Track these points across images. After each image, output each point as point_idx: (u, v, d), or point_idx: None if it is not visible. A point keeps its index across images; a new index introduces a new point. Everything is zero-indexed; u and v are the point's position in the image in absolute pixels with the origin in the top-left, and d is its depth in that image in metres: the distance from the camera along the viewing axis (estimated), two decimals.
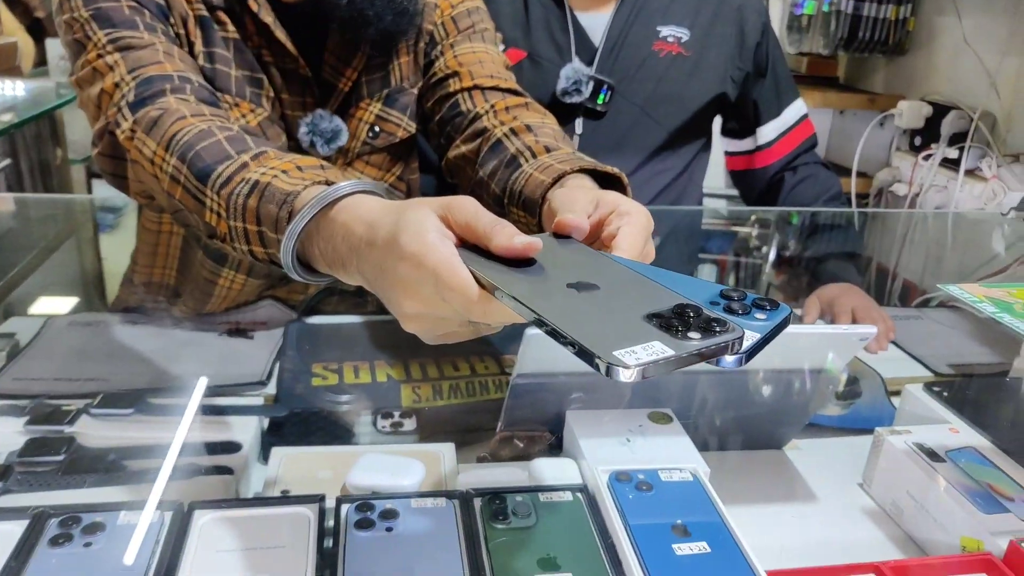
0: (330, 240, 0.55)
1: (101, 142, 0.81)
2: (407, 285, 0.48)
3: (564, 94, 1.23)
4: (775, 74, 1.34)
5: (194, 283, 0.95)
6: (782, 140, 1.37)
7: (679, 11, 1.28)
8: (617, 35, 1.26)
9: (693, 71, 1.28)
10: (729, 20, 1.30)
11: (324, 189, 0.56)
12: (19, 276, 1.01)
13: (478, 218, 0.47)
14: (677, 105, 1.28)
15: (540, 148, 0.80)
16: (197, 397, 0.73)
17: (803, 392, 0.72)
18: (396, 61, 0.98)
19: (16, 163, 1.21)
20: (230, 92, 0.89)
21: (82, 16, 0.82)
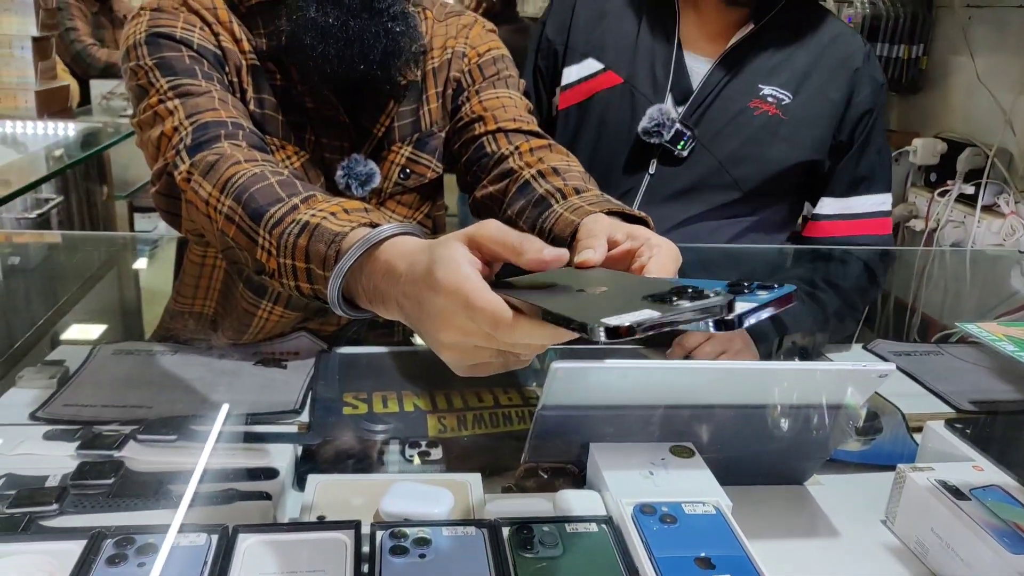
0: (372, 278, 0.60)
1: (159, 182, 0.86)
2: (443, 315, 0.52)
3: (644, 133, 1.20)
4: (864, 151, 1.26)
5: (233, 314, 0.99)
6: (836, 222, 1.29)
7: (787, 73, 1.22)
8: (716, 84, 1.22)
9: (787, 136, 1.22)
10: (839, 89, 1.23)
11: (369, 231, 0.61)
12: (67, 306, 1.06)
13: (506, 235, 0.52)
14: (759, 167, 1.23)
15: (570, 190, 0.84)
16: (234, 425, 0.77)
17: (823, 428, 0.73)
18: (426, 107, 1.03)
19: (67, 200, 1.27)
20: (277, 136, 0.95)
21: (147, 64, 0.88)
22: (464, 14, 1.09)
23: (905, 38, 1.87)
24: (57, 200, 1.21)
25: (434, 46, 1.03)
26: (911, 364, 1.07)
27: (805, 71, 1.22)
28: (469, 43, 1.05)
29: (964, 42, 1.79)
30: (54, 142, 1.41)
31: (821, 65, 1.23)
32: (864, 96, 1.23)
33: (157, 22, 0.91)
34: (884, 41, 1.87)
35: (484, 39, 1.06)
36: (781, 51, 1.23)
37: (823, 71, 1.23)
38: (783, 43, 1.23)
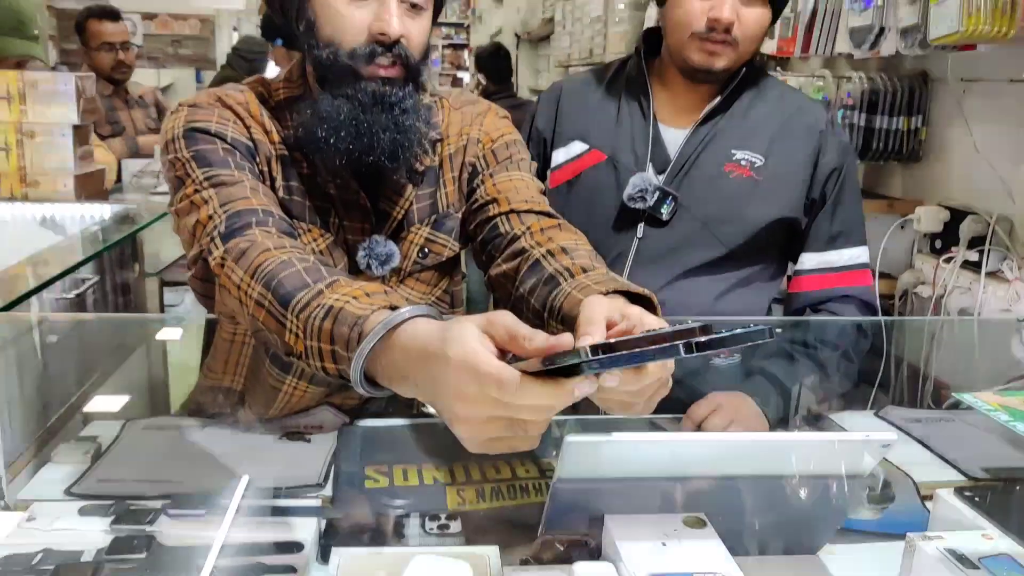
0: (391, 358, 0.64)
1: (195, 267, 0.92)
2: (455, 388, 0.57)
3: (630, 199, 1.30)
4: (836, 208, 1.35)
5: (260, 389, 1.03)
6: (817, 276, 1.37)
7: (757, 138, 1.33)
8: (691, 152, 1.32)
9: (762, 195, 1.32)
10: (807, 152, 1.34)
11: (389, 314, 0.66)
12: (99, 382, 1.10)
13: (519, 326, 0.58)
14: (740, 226, 1.32)
15: (577, 268, 0.89)
16: (260, 498, 0.80)
17: (830, 497, 0.75)
18: (443, 190, 1.09)
19: (102, 279, 1.33)
20: (304, 219, 1.01)
21: (184, 156, 0.95)
22: (478, 102, 1.15)
23: (904, 111, 1.93)
24: (93, 280, 1.27)
25: (451, 133, 1.10)
26: (922, 431, 1.08)
27: (773, 136, 1.33)
28: (483, 130, 1.11)
29: (960, 114, 1.84)
30: (91, 224, 1.49)
31: (788, 131, 1.34)
32: (831, 156, 1.34)
33: (194, 117, 0.98)
34: (883, 114, 1.93)
35: (497, 125, 1.13)
36: (749, 120, 1.34)
37: (790, 136, 1.34)
38: (751, 113, 1.35)
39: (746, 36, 1.26)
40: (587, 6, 4.36)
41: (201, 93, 1.01)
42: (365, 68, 0.94)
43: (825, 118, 1.38)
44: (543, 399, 0.56)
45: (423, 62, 0.98)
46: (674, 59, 1.33)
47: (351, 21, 0.94)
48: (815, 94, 1.99)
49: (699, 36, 1.26)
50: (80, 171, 1.73)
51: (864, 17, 1.70)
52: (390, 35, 0.93)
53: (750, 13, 1.25)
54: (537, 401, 0.56)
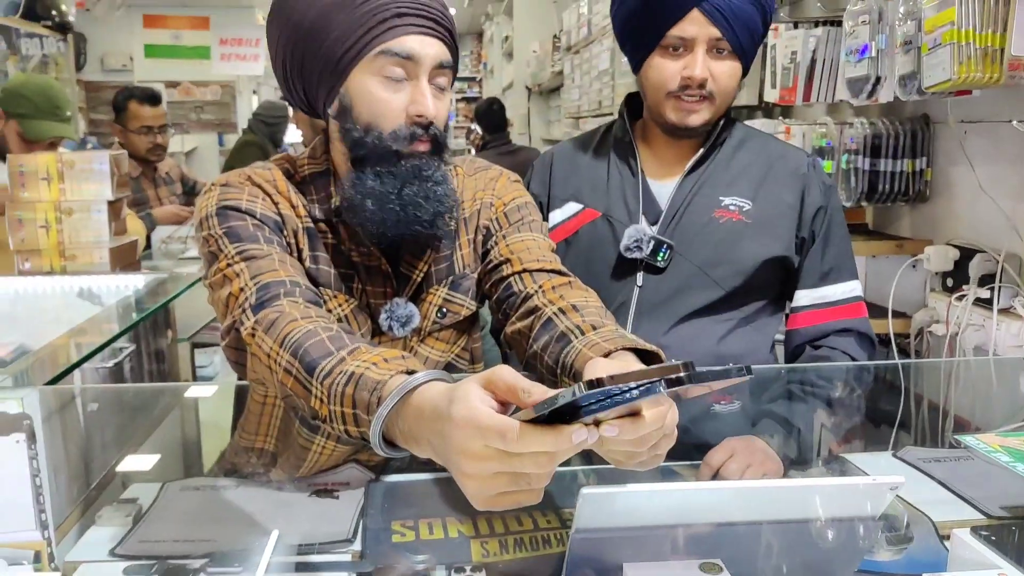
0: (407, 420, 0.70)
1: (228, 336, 0.98)
2: (460, 445, 0.62)
3: (627, 250, 1.35)
4: (825, 248, 1.41)
5: (290, 449, 1.08)
6: (813, 312, 1.43)
7: (742, 183, 1.39)
8: (681, 202, 1.38)
9: (753, 236, 1.37)
10: (793, 194, 1.40)
11: (405, 379, 0.72)
12: (137, 446, 1.16)
13: (518, 380, 0.63)
14: (735, 267, 1.37)
15: (587, 326, 0.93)
16: (292, 555, 0.84)
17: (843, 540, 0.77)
18: (459, 252, 1.14)
19: (138, 347, 1.39)
20: (329, 287, 1.07)
21: (217, 232, 1.01)
22: (490, 168, 1.22)
23: (907, 153, 1.97)
24: (130, 349, 1.34)
25: (465, 198, 1.16)
26: (941, 470, 1.08)
27: (759, 181, 1.39)
28: (496, 194, 1.17)
29: (963, 154, 1.88)
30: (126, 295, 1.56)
31: (772, 176, 1.40)
32: (815, 196, 1.40)
33: (225, 196, 1.04)
34: (887, 157, 1.97)
35: (509, 189, 1.19)
36: (733, 167, 1.40)
37: (775, 180, 1.39)
38: (734, 161, 1.41)
39: (720, 90, 1.33)
40: (594, 60, 4.48)
41: (232, 173, 1.09)
42: (406, 148, 1.01)
43: (806, 161, 1.44)
44: (544, 445, 0.60)
45: (447, 135, 1.06)
46: (655, 119, 1.40)
47: (389, 106, 1.00)
48: (818, 141, 2.04)
49: (675, 95, 1.33)
50: (114, 244, 1.81)
51: (860, 68, 1.76)
52: (427, 117, 1.00)
53: (721, 68, 1.32)
54: (538, 447, 0.60)
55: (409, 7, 1.00)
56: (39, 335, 1.68)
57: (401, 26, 0.99)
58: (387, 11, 0.98)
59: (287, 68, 1.06)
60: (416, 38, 1.00)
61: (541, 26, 6.84)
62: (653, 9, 1.30)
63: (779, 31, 2.19)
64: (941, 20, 1.51)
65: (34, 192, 1.78)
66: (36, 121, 2.34)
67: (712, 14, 1.28)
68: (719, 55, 1.31)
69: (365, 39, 0.99)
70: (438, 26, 1.02)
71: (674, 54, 1.32)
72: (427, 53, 1.01)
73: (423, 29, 1.01)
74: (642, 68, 1.37)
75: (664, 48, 1.32)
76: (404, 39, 0.99)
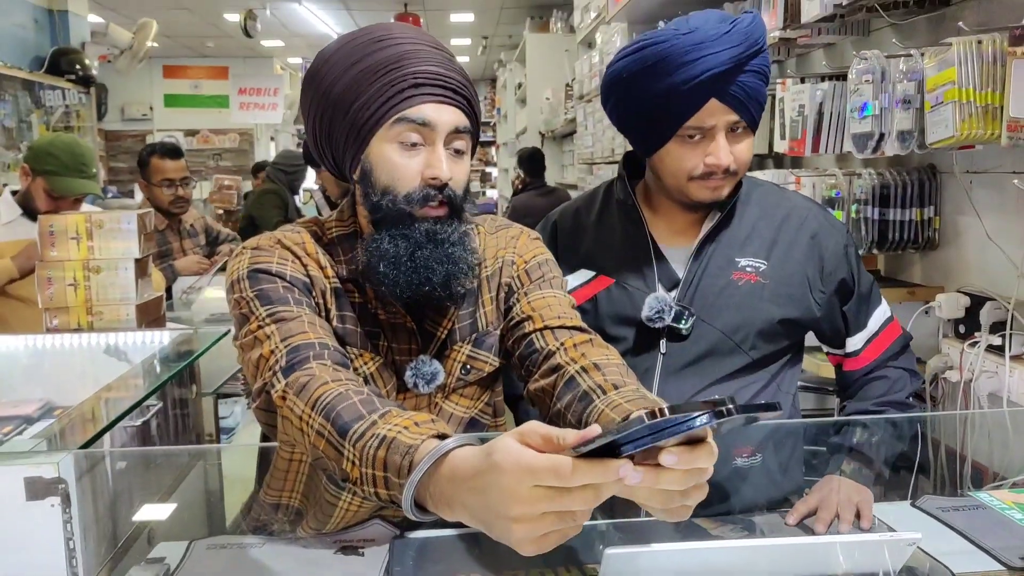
0: (439, 484, 0.72)
1: (259, 399, 1.00)
2: (508, 490, 0.64)
3: (649, 320, 1.34)
4: (860, 290, 1.43)
5: (316, 506, 1.10)
6: (870, 347, 1.44)
7: (756, 243, 1.38)
8: (697, 267, 1.37)
9: (772, 298, 1.36)
10: (806, 248, 1.39)
11: (437, 444, 0.74)
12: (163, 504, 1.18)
13: (550, 429, 0.65)
14: (757, 329, 1.36)
15: (609, 386, 0.96)
16: None
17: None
18: (482, 310, 1.18)
19: (164, 404, 1.43)
20: (356, 345, 1.10)
21: (248, 295, 1.05)
22: (511, 227, 1.25)
23: (915, 202, 2.00)
24: (157, 406, 1.37)
25: (487, 256, 1.20)
26: (959, 520, 1.08)
27: (772, 240, 1.39)
28: (517, 252, 1.21)
29: (970, 204, 1.91)
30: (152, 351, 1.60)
31: (784, 233, 1.40)
32: (833, 245, 1.40)
33: (256, 259, 1.08)
34: (896, 206, 2.00)
35: (530, 247, 1.22)
36: (745, 227, 1.40)
37: (787, 237, 1.39)
38: (745, 221, 1.40)
39: (741, 164, 1.33)
40: None
41: (262, 236, 1.13)
42: (419, 210, 1.05)
43: (814, 210, 1.45)
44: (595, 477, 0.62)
45: (465, 199, 1.09)
46: (672, 196, 1.38)
47: (405, 169, 1.05)
48: (828, 192, 2.07)
49: (699, 177, 1.32)
50: (140, 300, 1.86)
51: (864, 124, 1.80)
52: (441, 179, 1.04)
53: (740, 147, 1.32)
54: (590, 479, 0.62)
55: (426, 78, 1.05)
56: (66, 392, 1.72)
57: (418, 95, 1.04)
58: (405, 82, 1.04)
59: (317, 134, 1.11)
60: (432, 106, 1.05)
61: (553, 74, 6.97)
62: (668, 103, 1.28)
63: (787, 85, 2.24)
64: (942, 79, 1.55)
65: (63, 251, 1.84)
66: (63, 178, 2.41)
67: (730, 102, 1.27)
68: (736, 134, 1.31)
69: (384, 108, 1.04)
70: (455, 95, 1.07)
71: (691, 141, 1.30)
72: (443, 119, 1.05)
73: (439, 97, 1.05)
74: (655, 154, 1.36)
75: (681, 137, 1.30)
76: (421, 107, 1.04)
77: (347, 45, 1.08)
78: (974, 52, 1.53)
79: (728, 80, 1.26)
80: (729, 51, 1.25)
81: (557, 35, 7.45)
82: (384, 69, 1.04)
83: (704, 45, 1.25)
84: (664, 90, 1.27)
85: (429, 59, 1.06)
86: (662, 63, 1.26)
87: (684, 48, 1.25)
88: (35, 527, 0.90)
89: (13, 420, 1.61)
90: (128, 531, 1.11)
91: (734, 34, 1.26)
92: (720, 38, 1.26)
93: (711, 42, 1.25)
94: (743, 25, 1.28)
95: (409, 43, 1.06)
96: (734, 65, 1.26)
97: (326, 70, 1.07)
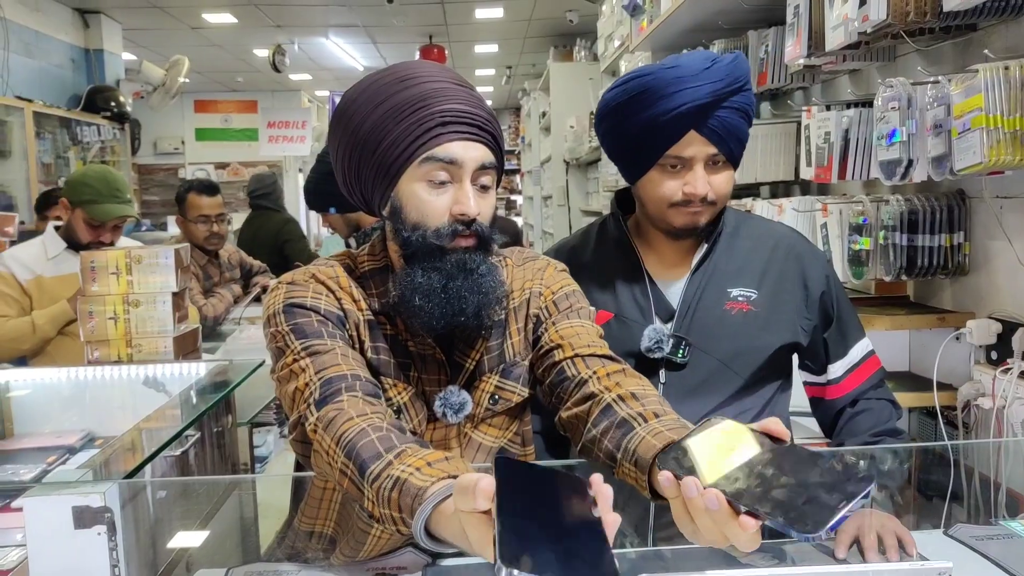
0: (449, 520, 0.76)
1: (295, 431, 1.04)
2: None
3: (648, 351, 1.39)
4: (840, 318, 1.48)
5: (350, 534, 1.12)
6: (850, 376, 1.48)
7: (747, 275, 1.44)
8: (691, 298, 1.42)
9: (764, 325, 1.42)
10: (793, 278, 1.45)
11: (444, 485, 0.79)
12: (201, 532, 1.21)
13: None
14: (751, 356, 1.41)
15: (650, 414, 0.98)
16: None
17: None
18: (509, 340, 1.20)
19: (202, 434, 1.46)
20: (389, 376, 1.13)
21: (284, 329, 1.09)
22: (538, 259, 1.28)
23: (944, 228, 1.99)
24: (195, 436, 1.41)
25: (514, 288, 1.22)
26: (994, 549, 1.09)
27: (762, 270, 1.44)
28: (544, 283, 1.23)
29: (1000, 229, 1.90)
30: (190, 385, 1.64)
31: (772, 264, 1.45)
32: (816, 275, 1.46)
33: (291, 294, 1.12)
34: (924, 232, 1.99)
35: (556, 279, 1.24)
36: (735, 259, 1.45)
37: (775, 268, 1.45)
38: (734, 253, 1.46)
39: (720, 195, 1.39)
40: None
41: (297, 271, 1.16)
42: (449, 243, 1.08)
43: (798, 240, 1.51)
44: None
45: (492, 230, 1.12)
46: (656, 224, 1.44)
47: (434, 206, 1.07)
48: (855, 219, 2.07)
49: (677, 204, 1.38)
50: (178, 332, 1.91)
51: (892, 151, 1.81)
52: (469, 215, 1.07)
53: (718, 179, 1.38)
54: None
55: (452, 116, 1.07)
56: (106, 423, 1.76)
57: (445, 134, 1.06)
58: (432, 120, 1.06)
59: (346, 172, 1.14)
60: (459, 144, 1.07)
61: (577, 102, 7.02)
62: (650, 133, 1.35)
63: (812, 112, 2.25)
64: (969, 106, 1.56)
65: (104, 286, 1.90)
66: (100, 205, 2.50)
67: (708, 135, 1.33)
68: (715, 167, 1.37)
69: (413, 147, 1.06)
70: (481, 131, 1.09)
71: (672, 171, 1.37)
72: (470, 156, 1.07)
73: (466, 135, 1.07)
74: (639, 181, 1.43)
75: (662, 166, 1.37)
76: (448, 146, 1.06)
77: (373, 85, 1.11)
78: (1001, 78, 1.53)
79: (707, 114, 1.32)
80: (709, 86, 1.32)
81: (581, 64, 7.53)
82: (410, 108, 1.06)
83: (685, 79, 1.32)
84: (647, 120, 1.34)
85: (454, 97, 1.08)
86: (645, 94, 1.34)
87: (666, 81, 1.32)
88: (83, 555, 0.93)
89: (56, 450, 1.66)
90: (168, 558, 1.14)
91: (714, 70, 1.33)
92: (700, 73, 1.32)
93: (691, 77, 1.32)
94: (724, 63, 1.35)
95: (435, 81, 1.08)
96: (713, 100, 1.32)
97: (353, 110, 1.10)
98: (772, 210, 2.40)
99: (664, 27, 3.26)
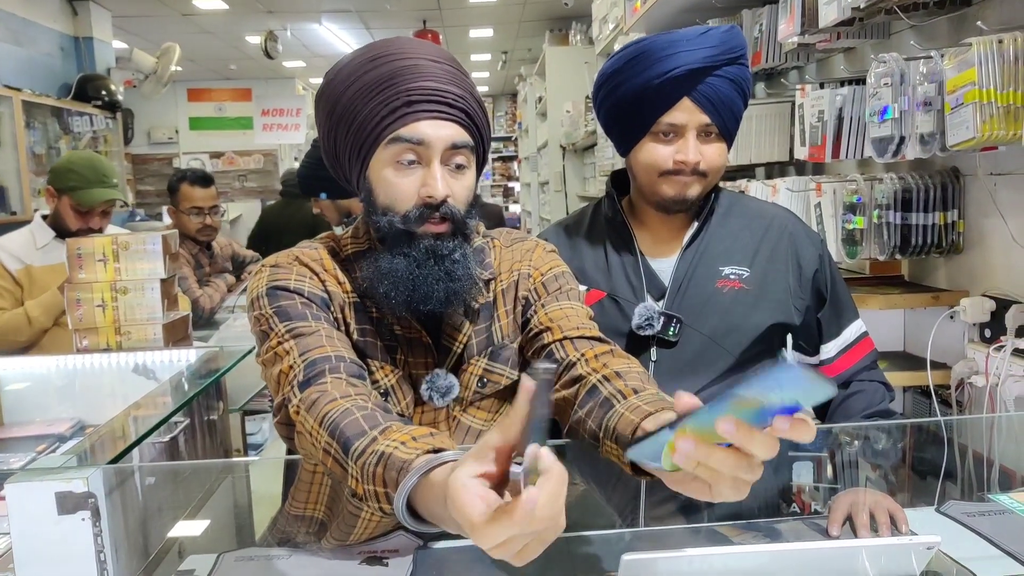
0: (430, 494, 0.74)
1: (280, 413, 1.02)
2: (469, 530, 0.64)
3: (639, 328, 1.39)
4: (834, 298, 1.48)
5: (340, 517, 1.11)
6: (843, 357, 1.49)
7: (739, 253, 1.44)
8: (683, 276, 1.43)
9: (755, 303, 1.42)
10: (786, 257, 1.45)
11: (427, 459, 0.77)
12: (192, 518, 1.20)
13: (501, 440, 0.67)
14: (742, 334, 1.42)
15: (629, 391, 0.97)
16: None
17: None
18: (497, 323, 1.18)
19: (191, 420, 1.45)
20: (375, 358, 1.11)
21: (267, 312, 1.07)
22: (526, 239, 1.26)
23: (938, 206, 1.98)
24: (184, 423, 1.39)
25: (502, 270, 1.20)
26: (985, 525, 1.09)
27: (754, 248, 1.44)
28: (532, 264, 1.22)
29: (994, 206, 1.89)
30: (179, 369, 1.63)
31: (765, 243, 1.45)
32: (808, 255, 1.46)
33: (275, 277, 1.10)
34: (918, 210, 1.98)
35: (545, 260, 1.23)
36: (727, 237, 1.45)
37: (768, 247, 1.45)
38: (726, 231, 1.46)
39: (711, 168, 1.39)
40: None
41: (281, 254, 1.15)
42: (417, 228, 1.05)
43: (791, 219, 1.51)
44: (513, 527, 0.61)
45: (469, 214, 1.09)
46: (647, 197, 1.44)
47: (401, 188, 1.05)
48: (849, 198, 2.06)
49: (668, 173, 1.38)
50: (167, 320, 1.90)
51: (884, 128, 1.79)
52: (436, 198, 1.04)
53: (710, 149, 1.38)
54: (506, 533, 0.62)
55: (421, 94, 1.04)
56: (97, 411, 1.76)
57: (411, 113, 1.04)
58: (398, 99, 1.03)
59: (327, 152, 1.13)
60: (428, 123, 1.04)
61: (573, 87, 6.99)
62: (644, 98, 1.36)
63: (806, 91, 2.23)
64: (962, 80, 1.54)
65: (91, 273, 1.88)
66: (86, 191, 2.48)
67: (701, 102, 1.34)
68: (707, 138, 1.38)
69: (379, 127, 1.04)
70: (452, 109, 1.06)
71: (664, 139, 1.38)
72: (439, 136, 1.04)
73: (434, 114, 1.04)
74: (631, 152, 1.43)
75: (655, 134, 1.38)
76: (415, 125, 1.04)
77: (349, 64, 1.08)
78: (995, 52, 1.52)
79: (699, 79, 1.33)
80: (703, 51, 1.33)
81: (576, 47, 7.48)
82: (378, 87, 1.04)
83: (679, 43, 1.34)
84: (641, 84, 1.35)
85: (425, 74, 1.05)
86: (640, 57, 1.36)
87: (661, 45, 1.35)
88: (67, 541, 0.92)
89: (47, 439, 1.65)
90: (159, 544, 1.13)
91: (709, 36, 1.35)
92: (695, 39, 1.34)
93: (686, 41, 1.34)
94: (720, 30, 1.36)
95: (406, 59, 1.05)
96: (707, 65, 1.33)
97: (330, 89, 1.09)
98: (766, 191, 2.39)
99: (658, 7, 3.23)
